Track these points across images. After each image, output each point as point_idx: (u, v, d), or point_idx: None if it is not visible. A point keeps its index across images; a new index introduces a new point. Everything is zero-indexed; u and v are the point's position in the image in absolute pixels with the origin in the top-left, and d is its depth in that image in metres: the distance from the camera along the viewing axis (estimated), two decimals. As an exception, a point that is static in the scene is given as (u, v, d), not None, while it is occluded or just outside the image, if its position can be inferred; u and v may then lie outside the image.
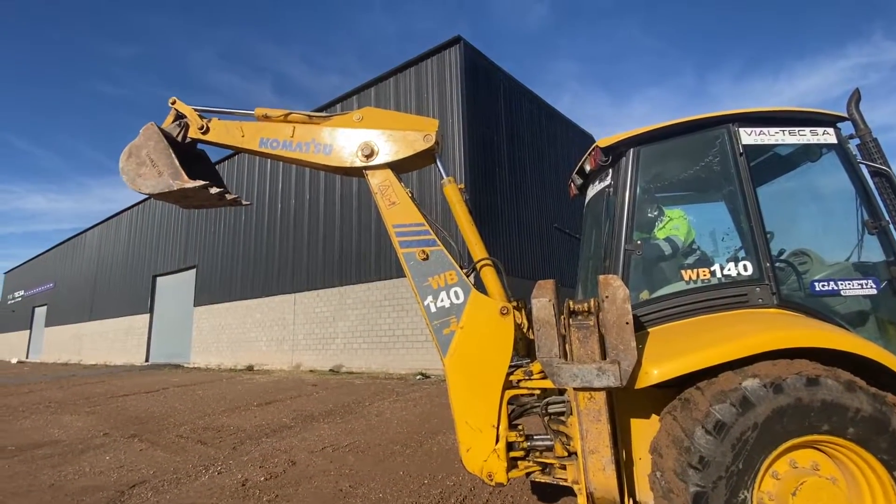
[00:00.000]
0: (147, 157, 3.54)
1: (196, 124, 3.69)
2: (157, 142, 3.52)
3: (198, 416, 7.85)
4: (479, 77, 14.86)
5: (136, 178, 3.58)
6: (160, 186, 3.50)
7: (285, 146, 3.49)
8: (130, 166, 3.59)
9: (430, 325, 2.97)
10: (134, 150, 3.59)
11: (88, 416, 8.25)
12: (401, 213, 3.17)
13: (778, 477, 2.16)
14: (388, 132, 3.29)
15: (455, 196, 3.28)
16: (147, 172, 3.55)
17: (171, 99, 3.79)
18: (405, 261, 3.09)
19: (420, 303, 3.01)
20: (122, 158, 3.62)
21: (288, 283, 17.49)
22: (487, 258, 3.16)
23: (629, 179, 2.88)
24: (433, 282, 3.00)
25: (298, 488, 4.17)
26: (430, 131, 3.24)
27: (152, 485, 4.40)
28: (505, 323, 2.86)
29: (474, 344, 2.87)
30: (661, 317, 2.70)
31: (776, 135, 2.85)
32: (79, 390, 12.25)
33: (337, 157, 3.34)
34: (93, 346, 28.96)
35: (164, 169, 3.50)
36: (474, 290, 2.97)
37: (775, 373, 2.14)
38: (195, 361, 20.81)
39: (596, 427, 2.34)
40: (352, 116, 3.40)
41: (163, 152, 3.50)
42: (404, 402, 8.53)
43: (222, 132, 3.69)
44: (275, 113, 3.71)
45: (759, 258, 2.66)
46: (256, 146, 3.56)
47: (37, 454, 5.66)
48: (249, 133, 3.60)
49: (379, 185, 3.27)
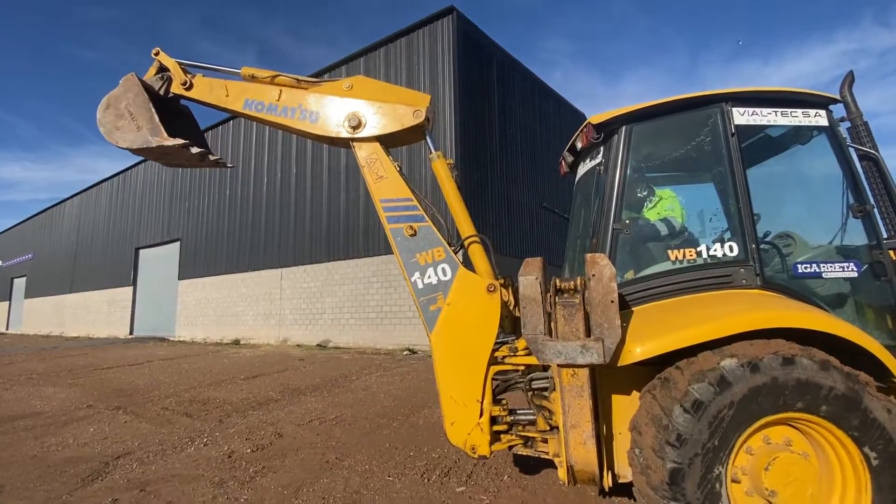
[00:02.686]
0: (126, 110, 3.37)
1: (179, 79, 3.52)
2: (137, 94, 3.36)
3: (183, 389, 7.84)
4: (471, 50, 14.52)
5: (113, 130, 3.43)
6: (138, 141, 3.36)
7: (270, 109, 3.36)
8: (108, 118, 3.42)
9: (417, 301, 2.96)
10: (112, 102, 3.42)
11: (71, 388, 8.18)
12: (389, 188, 3.11)
13: (752, 452, 2.23)
14: (378, 104, 3.18)
15: (444, 171, 3.22)
16: (125, 126, 3.39)
17: (154, 50, 3.60)
18: (392, 236, 3.05)
19: (407, 279, 2.99)
20: (99, 109, 3.45)
21: (275, 257, 17.32)
22: (475, 235, 3.13)
23: (620, 157, 2.85)
24: (420, 258, 2.98)
25: (285, 460, 4.21)
26: (422, 107, 3.15)
27: (137, 456, 4.40)
28: (491, 300, 2.86)
29: (461, 321, 2.87)
30: (647, 296, 2.73)
31: (768, 115, 2.83)
32: (61, 362, 12.13)
33: (323, 125, 3.23)
34: (75, 319, 28.59)
35: (143, 123, 3.34)
36: (462, 266, 2.95)
37: (752, 352, 2.18)
38: (180, 335, 20.70)
39: (578, 402, 2.38)
40: (342, 84, 3.27)
41: (142, 105, 3.34)
42: (391, 376, 8.62)
43: (206, 89, 3.54)
44: (262, 74, 3.54)
45: (745, 239, 2.67)
46: (240, 107, 3.43)
47: (18, 425, 5.61)
48: (234, 93, 3.46)
49: (366, 158, 3.18)
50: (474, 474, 3.71)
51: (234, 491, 3.52)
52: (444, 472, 3.76)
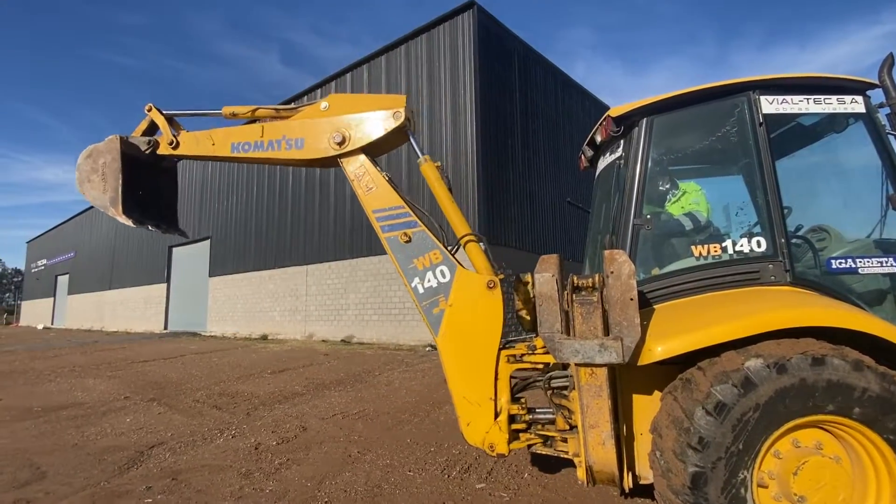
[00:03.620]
0: (101, 168, 3.57)
1: (167, 139, 3.67)
2: (114, 159, 3.53)
3: (213, 383, 8.11)
4: (492, 44, 14.38)
5: (84, 181, 3.63)
6: (99, 202, 3.57)
7: (257, 147, 3.46)
8: (85, 168, 3.62)
9: (420, 305, 2.98)
10: (94, 154, 3.61)
11: (110, 381, 8.58)
12: (379, 198, 3.16)
13: (780, 456, 2.15)
14: (357, 116, 3.25)
15: (433, 174, 3.23)
16: (95, 182, 3.59)
17: (147, 105, 3.79)
18: (388, 245, 3.09)
19: (408, 285, 3.01)
20: (81, 156, 3.65)
21: (300, 254, 17.67)
22: (470, 234, 3.13)
23: (641, 150, 2.77)
24: (418, 263, 3.00)
25: (309, 453, 4.31)
26: (399, 107, 3.19)
27: (170, 446, 4.58)
28: (493, 296, 2.86)
29: (464, 320, 2.88)
30: (669, 293, 2.65)
31: (799, 103, 2.70)
32: (101, 356, 12.72)
33: (310, 148, 3.31)
34: (114, 314, 29.91)
35: (108, 189, 3.54)
36: (460, 266, 2.96)
37: (779, 352, 2.10)
38: (212, 330, 21.40)
39: (597, 402, 2.34)
40: (318, 106, 3.37)
41: (114, 172, 3.52)
42: (413, 372, 8.69)
43: (192, 144, 3.69)
44: (242, 109, 3.71)
45: (774, 234, 2.57)
46: (229, 152, 3.54)
47: (61, 415, 5.92)
48: (219, 140, 3.59)
49: (355, 172, 3.25)
50: (494, 471, 3.71)
51: (259, 482, 3.63)
52: (465, 469, 3.78)
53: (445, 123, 13.77)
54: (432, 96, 14.18)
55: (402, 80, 14.98)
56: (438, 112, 13.96)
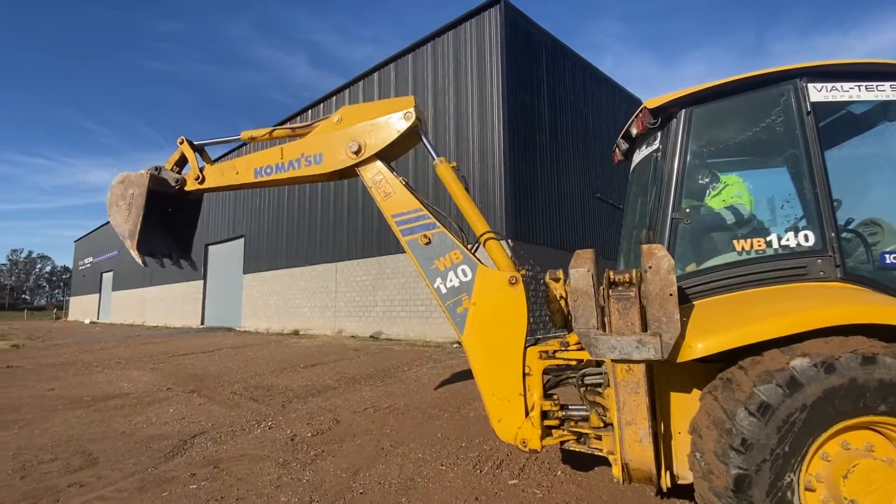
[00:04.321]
0: (129, 198, 3.82)
1: (193, 174, 3.90)
2: (140, 195, 3.78)
3: (249, 376, 8.38)
4: (519, 39, 14.24)
5: (112, 204, 3.90)
6: (118, 229, 3.84)
7: (279, 169, 3.61)
8: (117, 192, 3.88)
9: (444, 305, 3.02)
10: (126, 182, 3.86)
11: (153, 373, 8.99)
12: (397, 203, 3.23)
13: (828, 459, 2.07)
14: (370, 123, 3.34)
15: (449, 175, 3.28)
16: (121, 209, 3.85)
17: (179, 138, 4.05)
18: (409, 248, 3.15)
19: (430, 286, 3.05)
20: (115, 180, 3.91)
21: (330, 252, 18.01)
22: (489, 231, 3.15)
23: (679, 143, 2.70)
24: (439, 263, 3.03)
25: (343, 445, 4.40)
26: (408, 107, 3.28)
27: (211, 436, 4.77)
28: (516, 292, 2.86)
29: (489, 317, 2.89)
30: (709, 289, 2.58)
31: (850, 90, 2.57)
32: (144, 349, 13.34)
33: (329, 161, 3.42)
34: (154, 310, 31.27)
35: (130, 221, 3.79)
36: (481, 264, 2.98)
37: (827, 351, 2.01)
38: (245, 325, 22.09)
39: (633, 399, 2.31)
40: (332, 119, 3.49)
41: (138, 208, 3.77)
42: (441, 368, 8.74)
43: (217, 176, 3.88)
44: (260, 133, 3.90)
45: (824, 227, 2.46)
46: (253, 178, 3.71)
47: (109, 405, 6.25)
48: (242, 168, 3.76)
49: (372, 179, 3.33)
50: (527, 468, 3.70)
51: (296, 472, 3.74)
52: (496, 465, 3.78)
53: (472, 120, 13.74)
54: (458, 93, 14.17)
55: (429, 78, 15.02)
56: (465, 108, 13.95)
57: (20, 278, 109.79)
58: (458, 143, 14.05)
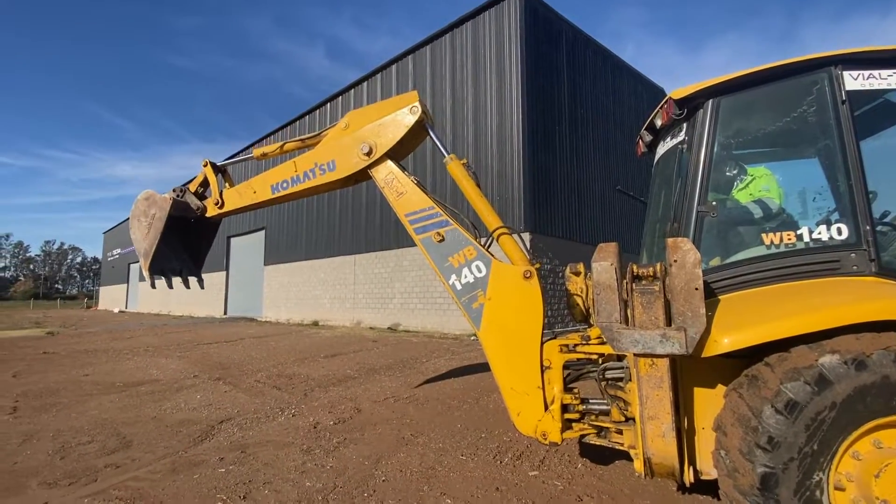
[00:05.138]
0: (151, 217, 3.98)
1: (213, 199, 4.02)
2: (161, 219, 3.94)
3: (272, 365, 8.58)
4: (539, 28, 14.02)
5: (134, 220, 4.06)
6: (136, 245, 4.01)
7: (294, 181, 3.68)
8: (141, 207, 4.04)
9: (459, 301, 3.04)
10: (150, 201, 4.02)
11: (180, 360, 9.28)
12: (410, 202, 3.26)
13: (859, 458, 2.02)
14: (377, 122, 3.37)
15: (459, 171, 3.29)
16: (142, 226, 4.02)
17: (203, 161, 4.17)
18: (423, 246, 3.18)
19: (445, 283, 3.08)
20: (141, 195, 4.08)
21: (348, 244, 18.21)
22: (502, 226, 3.16)
23: (706, 134, 2.64)
24: (453, 260, 3.06)
25: (364, 433, 4.49)
26: (413, 101, 3.31)
27: (237, 422, 4.92)
28: (531, 286, 2.87)
29: (504, 311, 2.91)
30: (736, 283, 2.53)
31: (889, 78, 2.47)
32: (170, 337, 13.76)
33: (343, 167, 3.48)
34: (179, 300, 32.13)
35: (148, 240, 3.95)
36: (495, 259, 2.99)
37: (858, 348, 1.97)
38: (266, 315, 22.56)
39: (657, 394, 2.30)
40: (340, 126, 3.53)
41: (157, 231, 3.95)
42: (459, 360, 8.80)
43: (236, 198, 3.98)
44: (271, 148, 4.01)
45: (858, 220, 2.38)
46: (270, 194, 3.79)
47: (140, 390, 6.50)
48: (259, 186, 3.84)
49: (385, 179, 3.38)
50: (547, 460, 3.72)
51: (320, 458, 3.83)
52: (517, 456, 3.81)
53: (491, 111, 13.64)
54: (477, 84, 14.06)
55: (447, 69, 14.94)
56: (484, 99, 13.84)
57: (53, 269, 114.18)
58: (476, 135, 13.98)
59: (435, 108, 15.02)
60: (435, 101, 15.13)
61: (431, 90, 15.34)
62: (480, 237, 3.16)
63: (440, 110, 14.93)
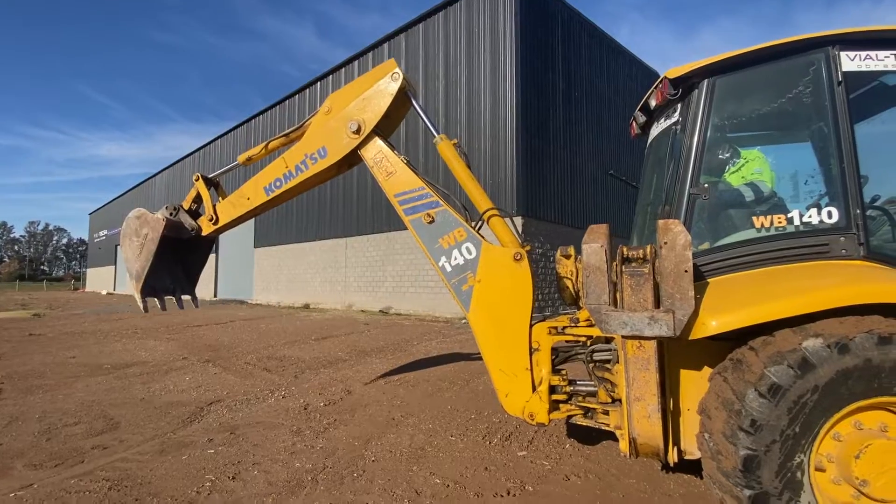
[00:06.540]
0: (143, 237, 3.86)
1: (207, 216, 3.92)
2: (153, 240, 3.81)
3: (262, 347, 8.56)
4: (534, 8, 13.75)
5: (125, 238, 3.95)
6: (127, 265, 3.91)
7: (287, 178, 3.57)
8: (131, 226, 3.93)
9: (449, 283, 3.02)
10: (143, 220, 3.89)
11: (169, 342, 9.22)
12: (399, 182, 3.20)
13: (840, 439, 2.06)
14: (360, 98, 3.30)
15: (450, 152, 3.24)
16: (134, 245, 3.89)
17: (194, 175, 4.06)
18: (413, 227, 3.14)
19: (435, 265, 3.05)
20: (133, 213, 3.97)
21: (339, 227, 18.07)
22: (493, 208, 3.13)
23: (700, 115, 2.61)
24: (443, 242, 3.03)
25: (354, 414, 4.51)
26: (393, 68, 3.25)
27: (226, 403, 4.92)
28: (521, 268, 2.87)
29: (494, 294, 2.90)
30: (726, 266, 2.53)
31: (886, 59, 2.44)
32: (159, 319, 13.64)
33: (334, 151, 3.39)
34: (169, 282, 31.86)
35: (140, 261, 3.84)
36: (485, 241, 2.97)
37: (842, 331, 1.98)
38: (257, 298, 22.46)
39: (643, 375, 2.31)
40: (322, 111, 3.45)
41: (149, 253, 3.83)
42: (450, 343, 8.84)
43: (230, 210, 3.87)
44: (255, 151, 3.89)
45: (848, 204, 2.38)
46: (265, 196, 3.69)
47: (128, 372, 6.45)
48: (251, 191, 3.74)
49: (374, 158, 3.30)
50: (535, 440, 3.76)
51: (310, 439, 3.84)
52: (505, 437, 3.85)
53: (484, 92, 13.45)
54: (471, 64, 13.83)
55: (440, 49, 14.66)
56: (477, 81, 13.63)
57: (38, 250, 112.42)
58: (469, 116, 13.81)
59: (428, 88, 14.78)
60: (428, 81, 14.88)
61: (424, 70, 15.07)
62: (472, 220, 3.12)
63: (433, 91, 14.69)
